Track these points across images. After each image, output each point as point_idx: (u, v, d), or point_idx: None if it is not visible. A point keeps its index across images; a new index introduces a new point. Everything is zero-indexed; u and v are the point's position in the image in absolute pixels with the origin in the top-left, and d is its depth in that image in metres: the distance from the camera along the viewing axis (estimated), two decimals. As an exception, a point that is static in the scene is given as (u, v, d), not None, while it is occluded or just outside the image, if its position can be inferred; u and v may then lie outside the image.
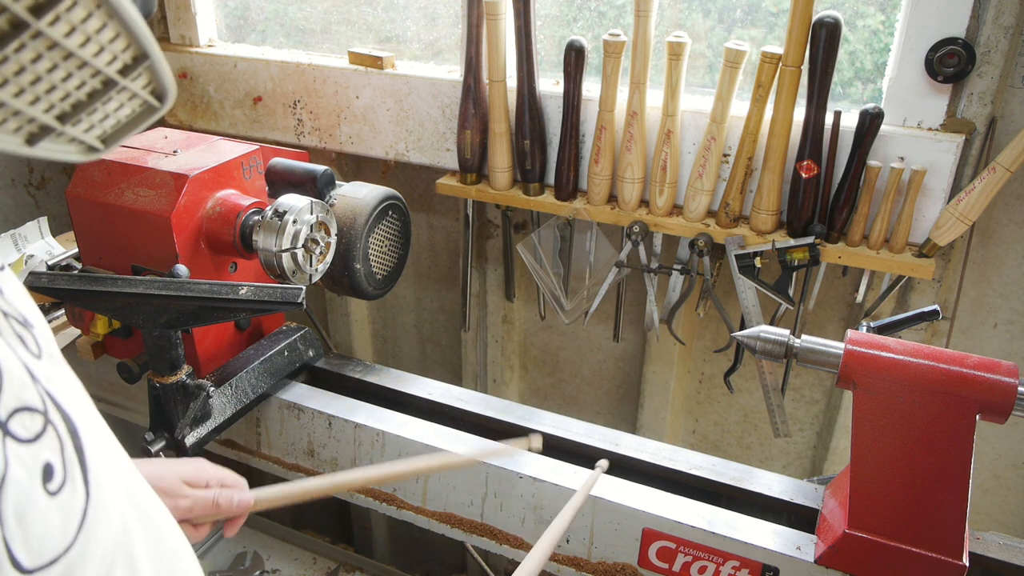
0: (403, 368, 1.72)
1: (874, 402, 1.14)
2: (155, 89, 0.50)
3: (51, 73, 0.43)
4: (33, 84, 0.42)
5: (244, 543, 1.98)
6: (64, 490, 0.48)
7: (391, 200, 1.62)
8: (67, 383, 0.55)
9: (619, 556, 1.35)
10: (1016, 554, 1.27)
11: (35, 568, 0.45)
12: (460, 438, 1.46)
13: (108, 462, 0.56)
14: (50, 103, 0.44)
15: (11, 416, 0.46)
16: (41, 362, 0.52)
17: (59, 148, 0.48)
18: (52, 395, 0.51)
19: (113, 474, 0.57)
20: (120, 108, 0.49)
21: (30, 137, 0.45)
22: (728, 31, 1.76)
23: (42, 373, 0.51)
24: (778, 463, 2.14)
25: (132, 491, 0.61)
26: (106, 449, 0.57)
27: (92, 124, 0.48)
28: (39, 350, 0.53)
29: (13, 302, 0.53)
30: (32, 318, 0.55)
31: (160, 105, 0.50)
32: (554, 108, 1.81)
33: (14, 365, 0.47)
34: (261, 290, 1.31)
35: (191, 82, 2.22)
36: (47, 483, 0.47)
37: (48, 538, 0.46)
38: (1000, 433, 1.84)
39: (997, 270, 1.69)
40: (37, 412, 0.48)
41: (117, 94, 0.47)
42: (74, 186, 1.49)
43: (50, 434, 0.49)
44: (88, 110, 0.46)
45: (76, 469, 0.50)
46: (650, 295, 1.86)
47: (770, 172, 1.62)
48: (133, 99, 0.49)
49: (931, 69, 1.52)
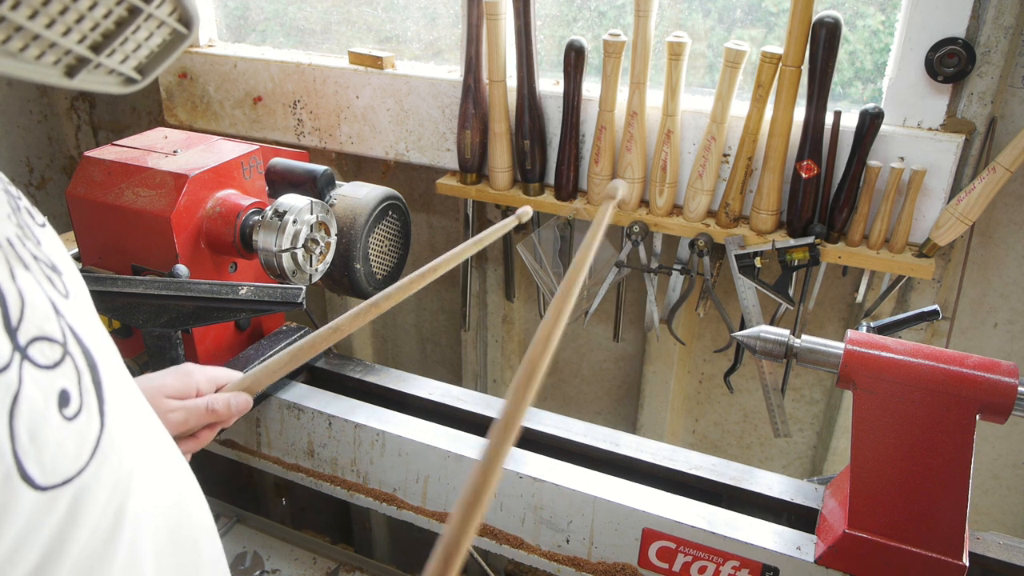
0: (403, 368, 1.72)
1: (874, 402, 1.14)
2: (181, 16, 0.51)
3: (76, 2, 0.45)
4: (62, 14, 0.44)
5: (244, 543, 1.97)
6: (80, 417, 0.51)
7: (391, 200, 1.62)
8: (92, 325, 0.58)
9: (619, 556, 1.35)
10: (1016, 554, 1.27)
11: (48, 486, 0.48)
12: (460, 438, 1.46)
13: (126, 403, 0.59)
14: (82, 34, 0.46)
15: (30, 343, 0.48)
16: (68, 301, 0.55)
17: (98, 79, 0.50)
18: (75, 330, 0.54)
19: (131, 416, 0.59)
20: (150, 37, 0.51)
21: (69, 69, 0.47)
22: (728, 31, 1.76)
23: (67, 310, 0.54)
24: (778, 463, 2.14)
25: (154, 440, 0.63)
26: (125, 391, 0.60)
27: (126, 54, 0.50)
28: (67, 291, 0.56)
29: (46, 251, 0.57)
30: (62, 266, 0.58)
31: (188, 32, 0.53)
32: (554, 108, 1.81)
33: (37, 297, 0.51)
34: (261, 290, 1.31)
35: (191, 82, 2.22)
36: (63, 408, 0.50)
37: (61, 459, 0.49)
38: (1000, 433, 1.84)
39: (997, 270, 1.69)
40: (57, 343, 0.51)
41: (144, 22, 0.49)
42: (74, 186, 1.49)
43: (68, 364, 0.51)
44: (119, 39, 0.48)
45: (93, 399, 0.53)
46: (650, 295, 1.86)
47: (770, 172, 1.62)
48: (161, 27, 0.51)
49: (931, 69, 1.52)
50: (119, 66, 0.50)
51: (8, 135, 2.45)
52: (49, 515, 0.48)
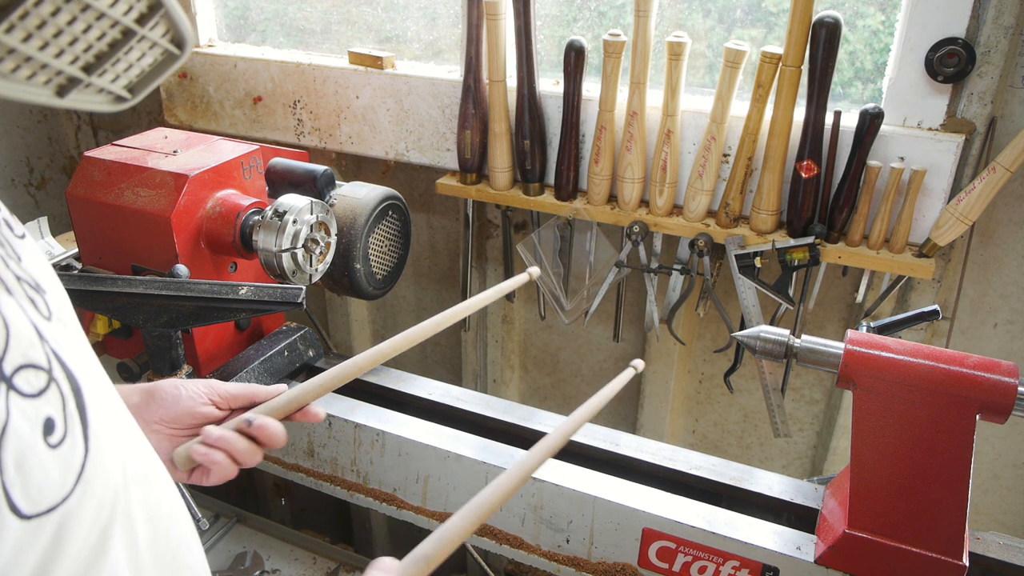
0: (403, 368, 1.72)
1: (874, 402, 1.14)
2: (173, 37, 0.52)
3: (71, 25, 0.45)
4: (56, 37, 0.44)
5: (244, 543, 1.97)
6: (64, 444, 0.51)
7: (391, 200, 1.62)
8: (76, 346, 0.57)
9: (619, 556, 1.35)
10: (1016, 554, 1.27)
11: (33, 514, 0.47)
12: (460, 438, 1.46)
13: (110, 424, 0.58)
14: (74, 55, 0.46)
15: (16, 372, 0.48)
16: (51, 324, 0.55)
17: (88, 99, 0.50)
18: (58, 355, 0.53)
19: (115, 436, 0.58)
20: (142, 57, 0.51)
21: (59, 89, 0.47)
22: (728, 31, 1.76)
23: (50, 334, 0.53)
24: (778, 463, 2.14)
25: (134, 455, 0.62)
26: (110, 412, 0.59)
27: (117, 74, 0.50)
28: (49, 313, 0.55)
29: (28, 268, 0.56)
30: (45, 284, 0.57)
31: (180, 52, 0.53)
32: (554, 108, 1.81)
33: (22, 324, 0.50)
34: (261, 290, 1.31)
35: (191, 82, 2.22)
36: (48, 436, 0.49)
37: (47, 487, 0.49)
38: (1000, 433, 1.84)
39: (997, 270, 1.69)
40: (42, 370, 0.50)
41: (138, 43, 0.50)
42: (74, 186, 1.49)
43: (53, 391, 0.51)
44: (111, 60, 0.49)
45: (77, 425, 0.52)
46: (650, 295, 1.86)
47: (770, 172, 1.62)
48: (154, 48, 0.51)
49: (931, 69, 1.52)
50: (110, 85, 0.50)
51: (8, 135, 2.45)
52: (34, 543, 0.47)
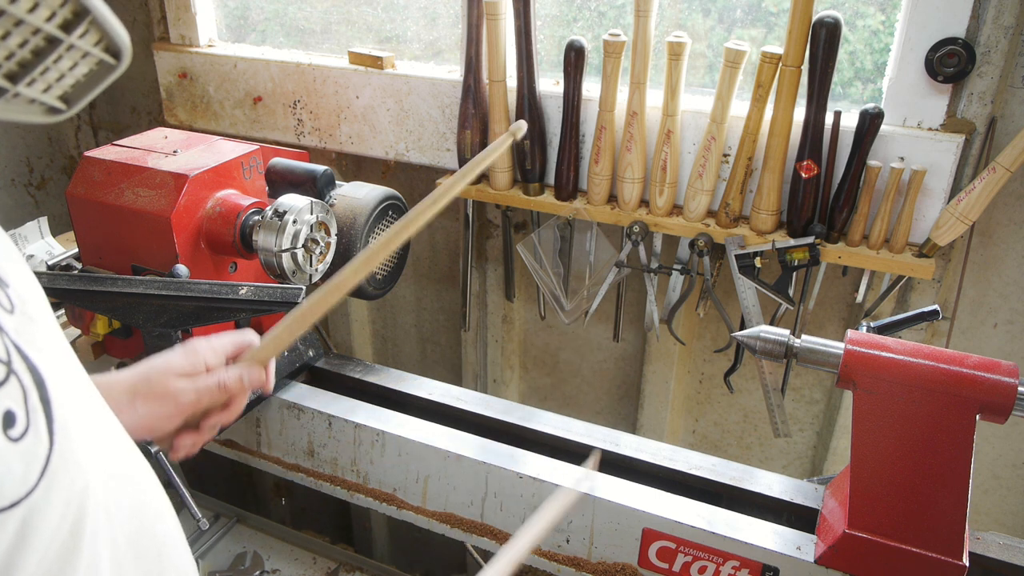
0: (403, 368, 1.72)
1: (874, 402, 1.14)
2: (108, 46, 0.49)
3: None
4: None
5: (244, 543, 1.97)
6: (27, 438, 0.49)
7: (391, 200, 1.62)
8: (44, 340, 0.56)
9: (619, 556, 1.35)
10: (1016, 554, 1.27)
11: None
12: (460, 438, 1.46)
13: (83, 420, 0.57)
14: None
15: None
16: (12, 316, 0.53)
17: (18, 109, 0.48)
18: (20, 347, 0.52)
19: (88, 432, 0.57)
20: (75, 67, 0.48)
21: None
22: (728, 31, 1.76)
23: (11, 326, 0.52)
24: (778, 463, 2.14)
25: (112, 451, 0.61)
26: (82, 407, 0.58)
27: (49, 84, 0.48)
28: (12, 306, 0.54)
29: None
30: (10, 278, 0.56)
31: (116, 62, 0.50)
32: (554, 108, 1.81)
33: None
34: (261, 290, 1.31)
35: (191, 82, 2.22)
36: (8, 430, 0.48)
37: (8, 481, 0.47)
38: (1000, 433, 1.84)
39: (997, 270, 1.69)
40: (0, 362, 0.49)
41: (67, 52, 0.47)
42: (74, 186, 1.49)
43: (13, 384, 0.50)
44: (39, 69, 0.46)
45: (40, 418, 0.51)
46: (650, 295, 1.86)
47: (770, 172, 1.62)
48: (87, 57, 0.48)
49: (931, 69, 1.52)
50: (41, 96, 0.48)
51: (8, 135, 2.45)
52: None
